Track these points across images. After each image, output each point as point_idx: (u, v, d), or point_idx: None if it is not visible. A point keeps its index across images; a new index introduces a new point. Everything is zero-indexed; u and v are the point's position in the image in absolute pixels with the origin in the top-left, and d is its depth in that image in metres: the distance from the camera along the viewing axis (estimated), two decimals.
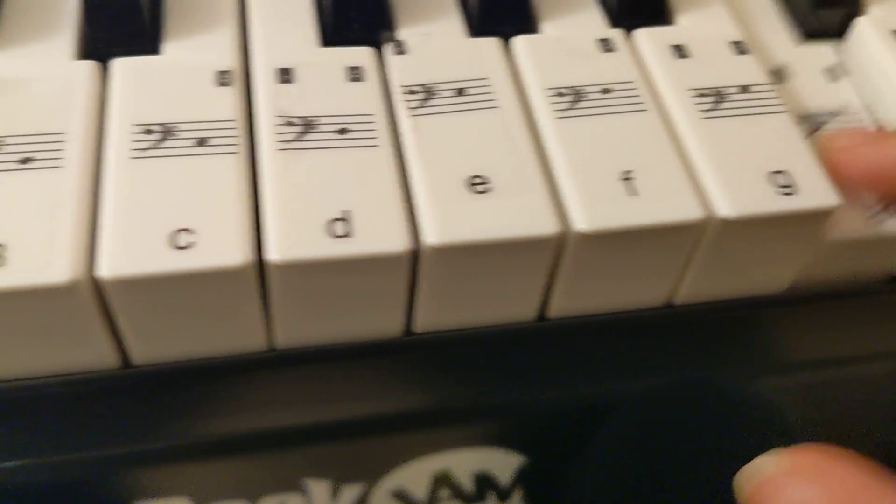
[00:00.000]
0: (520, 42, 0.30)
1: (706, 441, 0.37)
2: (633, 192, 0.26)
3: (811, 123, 0.31)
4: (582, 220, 0.26)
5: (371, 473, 0.35)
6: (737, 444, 0.37)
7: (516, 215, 0.25)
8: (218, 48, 0.29)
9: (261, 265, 0.24)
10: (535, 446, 0.36)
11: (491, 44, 0.30)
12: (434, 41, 0.30)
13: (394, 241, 0.25)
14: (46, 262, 0.23)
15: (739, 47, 0.31)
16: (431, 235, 0.25)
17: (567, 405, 0.34)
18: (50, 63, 0.28)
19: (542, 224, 0.25)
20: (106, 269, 0.23)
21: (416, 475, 0.36)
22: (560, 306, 0.29)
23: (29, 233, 0.24)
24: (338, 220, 0.25)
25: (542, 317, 0.29)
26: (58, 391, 0.27)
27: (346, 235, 0.24)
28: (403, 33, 0.30)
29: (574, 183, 0.26)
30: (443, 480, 0.37)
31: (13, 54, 0.28)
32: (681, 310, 0.30)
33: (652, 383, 0.33)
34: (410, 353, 0.29)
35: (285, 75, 0.28)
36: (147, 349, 0.26)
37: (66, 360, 0.26)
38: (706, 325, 0.31)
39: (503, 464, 0.36)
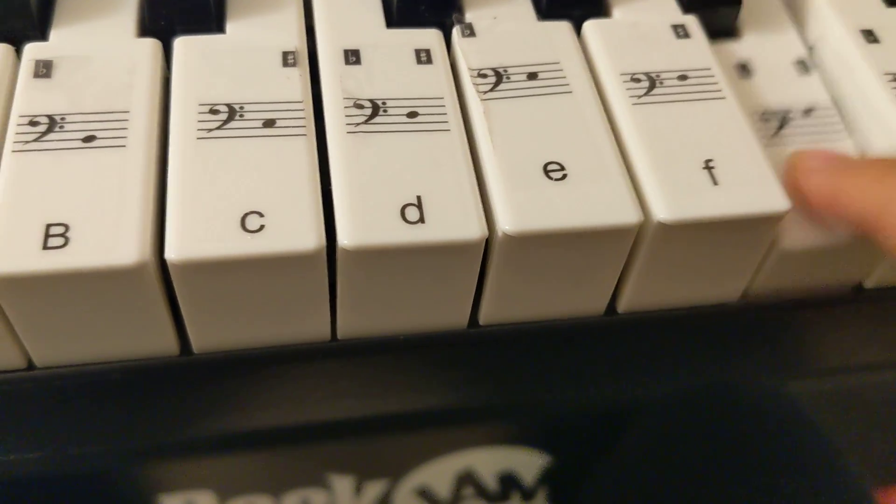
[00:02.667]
0: (591, 26, 0.29)
1: (733, 445, 0.37)
2: (714, 181, 0.25)
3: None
4: (663, 210, 0.25)
5: (395, 470, 0.34)
6: (762, 449, 0.37)
7: (595, 203, 0.24)
8: (282, 28, 0.28)
9: (329, 251, 0.24)
10: (561, 446, 0.35)
11: (562, 27, 0.29)
12: (503, 24, 0.29)
13: (469, 228, 0.24)
14: (112, 244, 0.22)
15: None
16: (507, 223, 0.24)
17: (621, 405, 0.33)
18: (111, 41, 0.27)
19: (622, 213, 0.24)
20: (174, 251, 0.22)
21: (439, 473, 0.35)
22: (631, 300, 0.28)
23: (93, 213, 0.23)
24: (410, 205, 0.24)
25: (612, 311, 0.28)
26: (108, 378, 0.26)
27: (419, 221, 0.24)
28: (471, 16, 0.29)
29: (654, 171, 0.25)
30: (466, 479, 0.36)
31: (75, 31, 0.27)
32: (754, 306, 0.29)
33: (698, 383, 0.32)
34: (475, 346, 0.28)
35: (352, 57, 0.27)
36: (207, 336, 0.25)
37: (125, 347, 0.25)
38: (776, 324, 0.30)
39: (528, 463, 0.35)
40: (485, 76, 0.27)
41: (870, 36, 0.29)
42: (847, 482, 0.38)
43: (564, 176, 0.25)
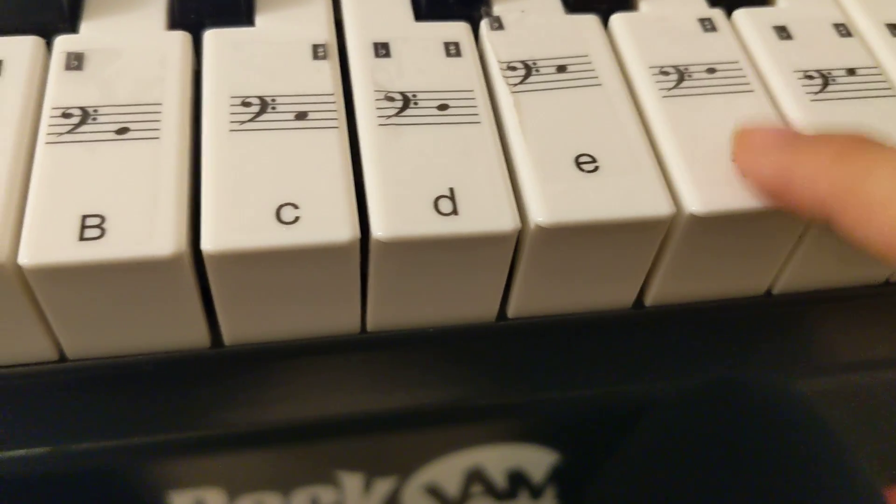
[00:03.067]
0: (619, 20, 0.29)
1: (750, 442, 0.36)
2: None
3: None
4: (695, 202, 0.25)
5: (404, 467, 0.34)
6: (773, 447, 0.37)
7: (627, 196, 0.24)
8: (312, 21, 0.28)
9: (360, 243, 0.24)
10: (570, 444, 0.35)
11: (590, 21, 0.29)
12: (531, 17, 0.29)
13: (503, 219, 0.24)
14: (148, 235, 0.22)
15: (843, 29, 0.30)
16: (540, 214, 0.24)
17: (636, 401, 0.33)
18: (142, 33, 0.27)
19: (654, 205, 0.24)
20: (211, 242, 0.22)
21: (448, 470, 0.35)
22: (659, 294, 0.28)
23: (128, 204, 0.23)
24: (443, 197, 0.24)
25: (639, 304, 0.28)
26: (139, 371, 0.26)
27: (452, 213, 0.24)
28: (498, 9, 0.29)
29: (684, 163, 0.25)
30: (475, 476, 0.36)
31: (105, 24, 0.27)
32: (779, 300, 0.29)
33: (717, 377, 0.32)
34: (503, 339, 0.28)
35: (382, 50, 0.27)
36: (239, 328, 0.25)
37: (156, 339, 0.25)
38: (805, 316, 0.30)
39: (536, 461, 0.35)
40: (514, 69, 0.27)
41: None
42: (859, 481, 0.38)
43: (596, 168, 0.25)
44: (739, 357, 0.29)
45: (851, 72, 0.29)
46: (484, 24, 0.29)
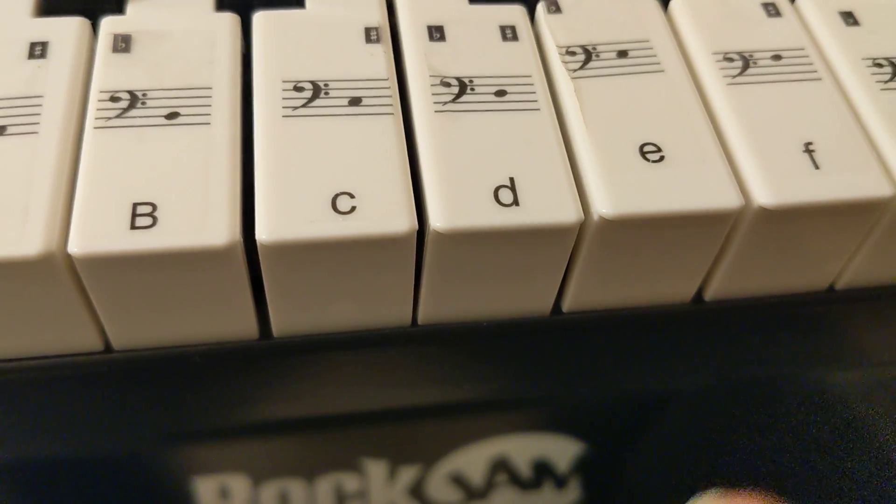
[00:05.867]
0: (679, 3, 0.28)
1: (770, 436, 0.36)
2: (815, 164, 0.24)
3: None
4: (765, 194, 0.24)
5: (429, 456, 0.34)
6: (796, 441, 0.36)
7: (694, 187, 0.23)
8: (363, 3, 0.27)
9: (419, 234, 0.23)
10: (597, 434, 0.35)
11: (650, 4, 0.28)
12: (588, 0, 0.28)
13: (565, 211, 0.23)
14: (201, 224, 0.22)
15: None
16: (604, 206, 0.23)
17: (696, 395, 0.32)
18: (189, 15, 0.26)
19: (723, 197, 0.23)
20: (266, 232, 0.21)
21: (473, 459, 0.34)
22: (720, 288, 0.27)
23: (180, 192, 0.22)
24: (503, 187, 0.23)
25: (699, 299, 0.27)
26: (187, 362, 0.25)
27: (513, 204, 0.23)
28: None
29: (753, 154, 0.24)
30: (500, 465, 0.35)
31: (151, 4, 0.26)
32: (844, 295, 0.28)
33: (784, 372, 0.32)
34: (559, 334, 0.27)
35: (437, 33, 0.26)
36: (289, 320, 0.25)
37: (205, 329, 0.25)
38: (864, 312, 0.29)
39: (561, 450, 0.35)
40: (573, 54, 0.26)
41: None
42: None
43: (662, 158, 0.24)
44: (801, 353, 0.29)
45: None
46: (540, 7, 0.28)
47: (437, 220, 0.22)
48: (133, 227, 0.21)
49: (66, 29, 0.25)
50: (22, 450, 0.28)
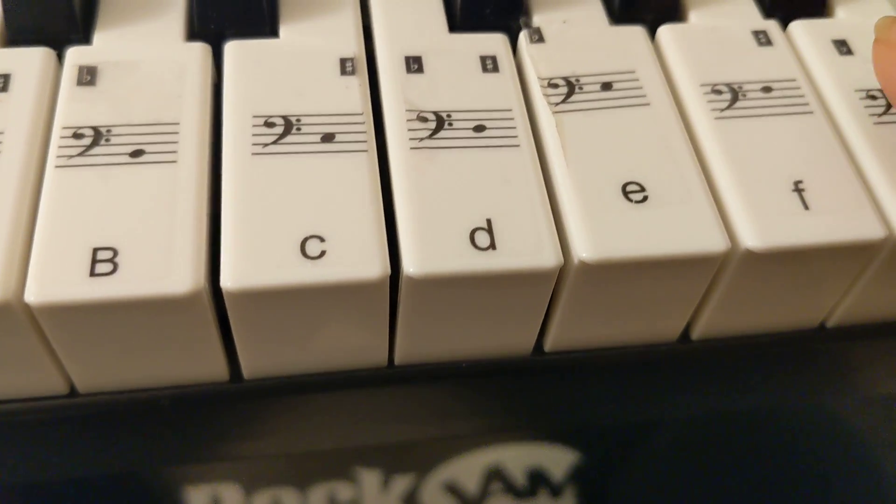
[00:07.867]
0: (667, 32, 0.27)
1: (774, 460, 0.35)
2: (805, 205, 0.23)
3: None
4: (751, 237, 0.23)
5: (422, 465, 0.33)
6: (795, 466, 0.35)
7: (678, 229, 0.23)
8: (339, 33, 0.26)
9: (392, 276, 0.22)
10: (592, 444, 0.34)
11: (636, 33, 0.27)
12: (573, 29, 0.27)
13: (544, 255, 0.22)
14: (164, 271, 0.21)
15: None
16: (584, 250, 0.22)
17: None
18: (159, 45, 0.25)
19: (708, 240, 0.22)
20: (231, 279, 0.21)
21: (468, 468, 0.34)
22: (707, 328, 0.26)
23: (143, 236, 0.21)
24: (480, 229, 0.22)
25: (686, 338, 0.26)
26: (154, 406, 0.24)
27: (489, 247, 0.22)
28: (538, 19, 0.27)
29: (740, 193, 0.23)
30: (495, 474, 0.35)
31: (120, 34, 0.26)
32: (834, 333, 0.27)
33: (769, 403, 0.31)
34: (540, 375, 0.26)
35: (415, 64, 0.25)
36: (260, 363, 0.24)
37: (172, 373, 0.24)
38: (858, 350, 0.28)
39: (557, 460, 0.34)
40: (556, 86, 0.25)
41: None
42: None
43: (645, 198, 0.23)
44: (791, 389, 0.28)
45: None
46: (523, 37, 0.27)
47: (411, 265, 0.21)
48: (92, 273, 0.20)
49: (30, 60, 0.24)
50: None
